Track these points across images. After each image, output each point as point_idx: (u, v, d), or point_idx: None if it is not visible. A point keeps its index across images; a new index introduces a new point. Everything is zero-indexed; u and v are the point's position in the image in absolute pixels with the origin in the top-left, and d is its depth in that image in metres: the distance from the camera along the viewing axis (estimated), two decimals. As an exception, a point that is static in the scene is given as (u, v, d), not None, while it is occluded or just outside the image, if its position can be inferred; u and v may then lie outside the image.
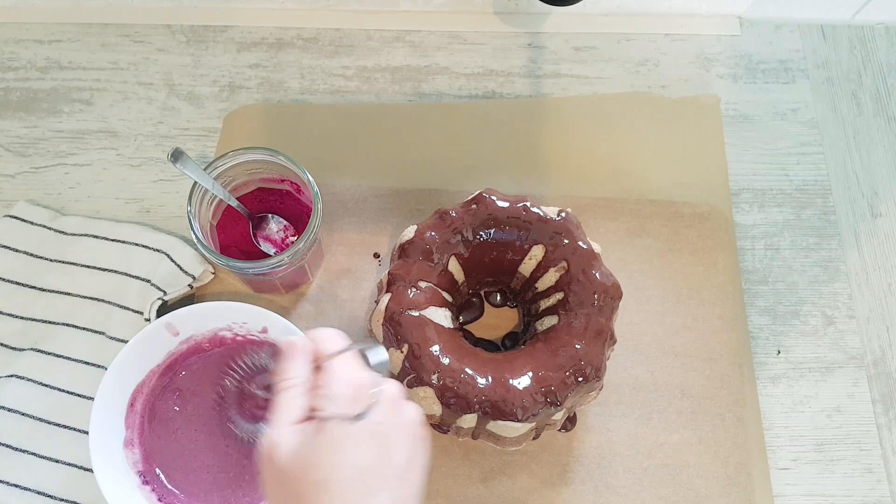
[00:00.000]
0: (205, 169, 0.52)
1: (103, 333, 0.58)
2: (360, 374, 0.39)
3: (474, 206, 0.55)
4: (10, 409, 0.56)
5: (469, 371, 0.50)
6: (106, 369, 0.53)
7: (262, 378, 0.52)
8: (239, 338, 0.56)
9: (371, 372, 0.40)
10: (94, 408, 0.51)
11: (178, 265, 0.59)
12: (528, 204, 0.56)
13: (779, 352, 0.61)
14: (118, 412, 0.53)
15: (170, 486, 0.53)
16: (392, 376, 0.54)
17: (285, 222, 0.59)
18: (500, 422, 0.50)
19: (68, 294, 0.59)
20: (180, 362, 0.56)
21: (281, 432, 0.37)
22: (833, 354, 0.61)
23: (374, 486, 0.36)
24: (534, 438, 0.54)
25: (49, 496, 0.54)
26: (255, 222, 0.58)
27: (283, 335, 0.55)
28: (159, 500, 0.52)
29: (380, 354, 0.42)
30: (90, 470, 0.54)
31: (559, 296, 0.54)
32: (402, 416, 0.39)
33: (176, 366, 0.55)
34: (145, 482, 0.53)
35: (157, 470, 0.53)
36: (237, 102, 0.68)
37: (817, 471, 0.58)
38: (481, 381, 0.50)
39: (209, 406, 0.55)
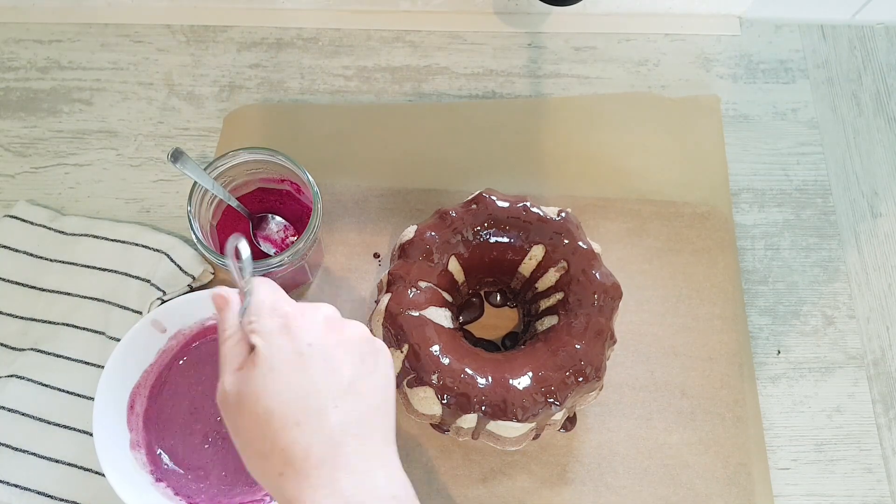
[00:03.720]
0: (205, 169, 0.52)
1: (103, 333, 0.58)
2: (281, 304, 0.40)
3: (474, 206, 0.55)
4: (10, 409, 0.56)
5: (469, 371, 0.50)
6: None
7: None
8: None
9: (291, 301, 0.41)
10: (95, 414, 0.51)
11: (178, 265, 0.59)
12: (528, 204, 0.56)
13: (779, 352, 0.61)
14: (119, 416, 0.52)
15: (182, 478, 0.53)
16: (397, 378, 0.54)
17: (285, 222, 0.59)
18: (500, 422, 0.50)
19: (68, 294, 0.59)
20: (172, 358, 0.56)
21: (225, 378, 0.38)
22: (833, 354, 0.61)
23: (321, 404, 0.37)
24: (534, 438, 0.54)
25: (49, 496, 0.54)
26: (255, 222, 0.58)
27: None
28: (175, 493, 0.52)
29: (244, 250, 0.40)
30: (90, 470, 0.55)
31: (559, 296, 0.54)
32: (343, 333, 0.40)
33: (168, 362, 0.55)
34: (159, 479, 0.52)
35: (166, 465, 0.53)
36: (237, 102, 0.68)
37: (817, 471, 0.58)
38: (481, 381, 0.50)
39: (208, 397, 0.55)
